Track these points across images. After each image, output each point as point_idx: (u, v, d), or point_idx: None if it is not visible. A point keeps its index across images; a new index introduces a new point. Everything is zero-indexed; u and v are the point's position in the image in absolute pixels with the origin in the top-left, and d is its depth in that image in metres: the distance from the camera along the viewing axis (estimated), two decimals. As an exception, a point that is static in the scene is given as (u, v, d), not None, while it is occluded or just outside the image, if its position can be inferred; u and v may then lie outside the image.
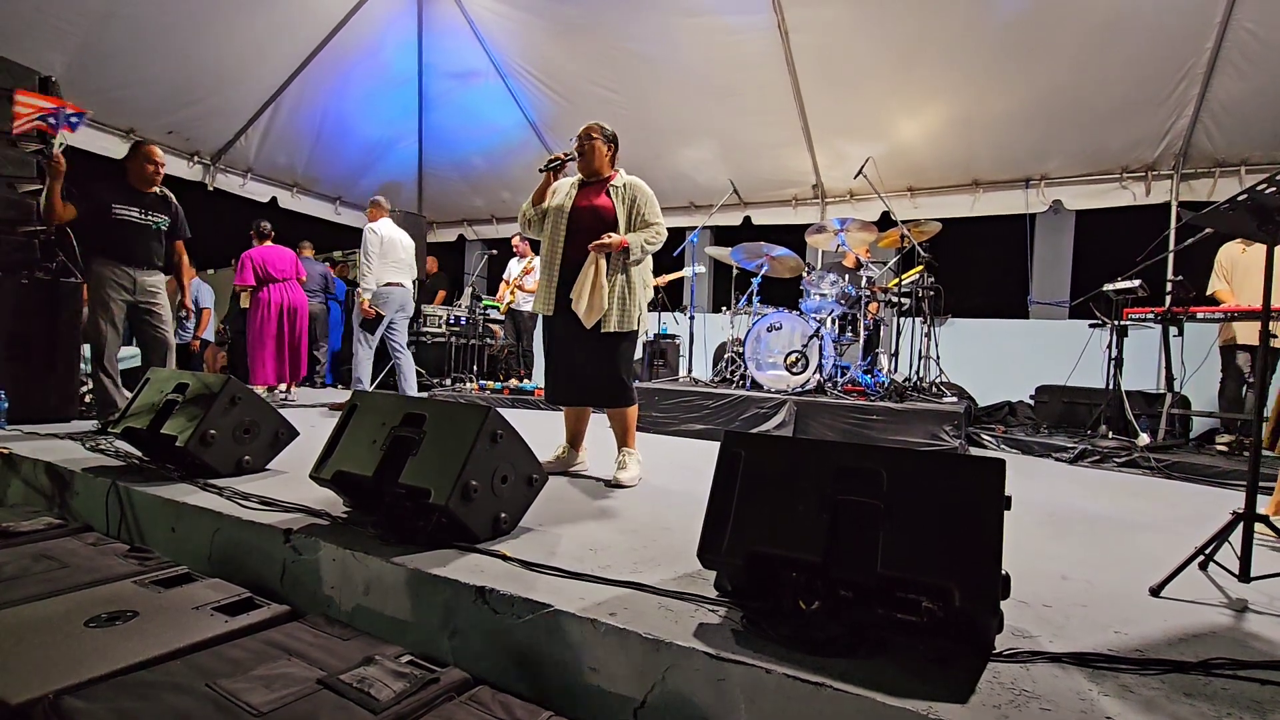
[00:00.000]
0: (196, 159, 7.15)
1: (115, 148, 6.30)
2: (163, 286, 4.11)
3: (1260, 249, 4.41)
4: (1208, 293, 4.63)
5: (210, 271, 9.41)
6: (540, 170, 2.99)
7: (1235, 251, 4.57)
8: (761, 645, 1.32)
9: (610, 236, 2.81)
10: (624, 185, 2.96)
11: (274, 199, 8.00)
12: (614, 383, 2.95)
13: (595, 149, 2.95)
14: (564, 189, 3.03)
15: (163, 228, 4.02)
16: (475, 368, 7.64)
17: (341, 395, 6.13)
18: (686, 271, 6.43)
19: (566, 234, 2.93)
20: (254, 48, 6.36)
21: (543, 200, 3.02)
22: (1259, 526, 1.82)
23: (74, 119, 3.68)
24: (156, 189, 4.02)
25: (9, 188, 3.92)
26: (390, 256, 5.32)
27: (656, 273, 6.10)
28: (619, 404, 2.99)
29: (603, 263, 2.83)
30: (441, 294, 8.81)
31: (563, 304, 2.91)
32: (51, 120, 3.64)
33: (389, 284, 5.31)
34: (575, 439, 3.13)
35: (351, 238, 8.99)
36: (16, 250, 3.94)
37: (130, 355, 4.52)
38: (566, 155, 2.97)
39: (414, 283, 5.71)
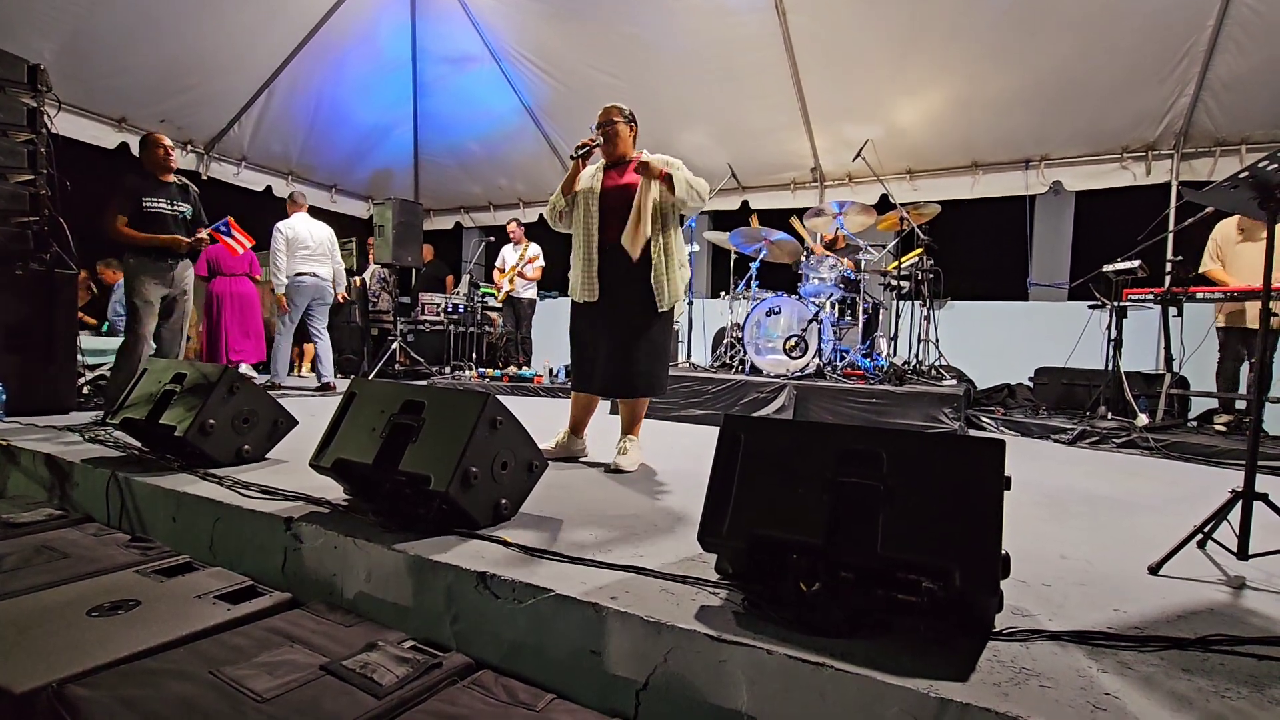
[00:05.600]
0: (190, 148, 7.09)
1: (106, 137, 6.26)
2: (192, 279, 4.19)
3: (1256, 240, 4.40)
4: (1199, 271, 4.59)
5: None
6: (571, 157, 2.93)
7: (1232, 235, 4.54)
8: (762, 627, 1.32)
9: (652, 168, 2.79)
10: (650, 162, 2.91)
11: (269, 187, 7.95)
12: (653, 370, 2.93)
13: (619, 132, 2.92)
14: (588, 175, 2.99)
15: (187, 216, 4.11)
16: (474, 355, 7.63)
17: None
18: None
19: (600, 217, 2.90)
20: (246, 33, 6.28)
21: (573, 189, 2.97)
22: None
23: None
24: (175, 178, 4.11)
25: (1, 178, 3.89)
26: (300, 250, 5.80)
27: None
28: (653, 392, 2.99)
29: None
30: (450, 279, 8.79)
31: (605, 289, 2.89)
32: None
33: (299, 274, 5.77)
34: (579, 426, 3.11)
35: (348, 226, 8.95)
36: (11, 241, 3.91)
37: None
38: (593, 141, 2.92)
39: (342, 270, 6.28)
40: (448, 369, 7.18)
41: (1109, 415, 4.61)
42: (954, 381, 5.08)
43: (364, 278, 7.90)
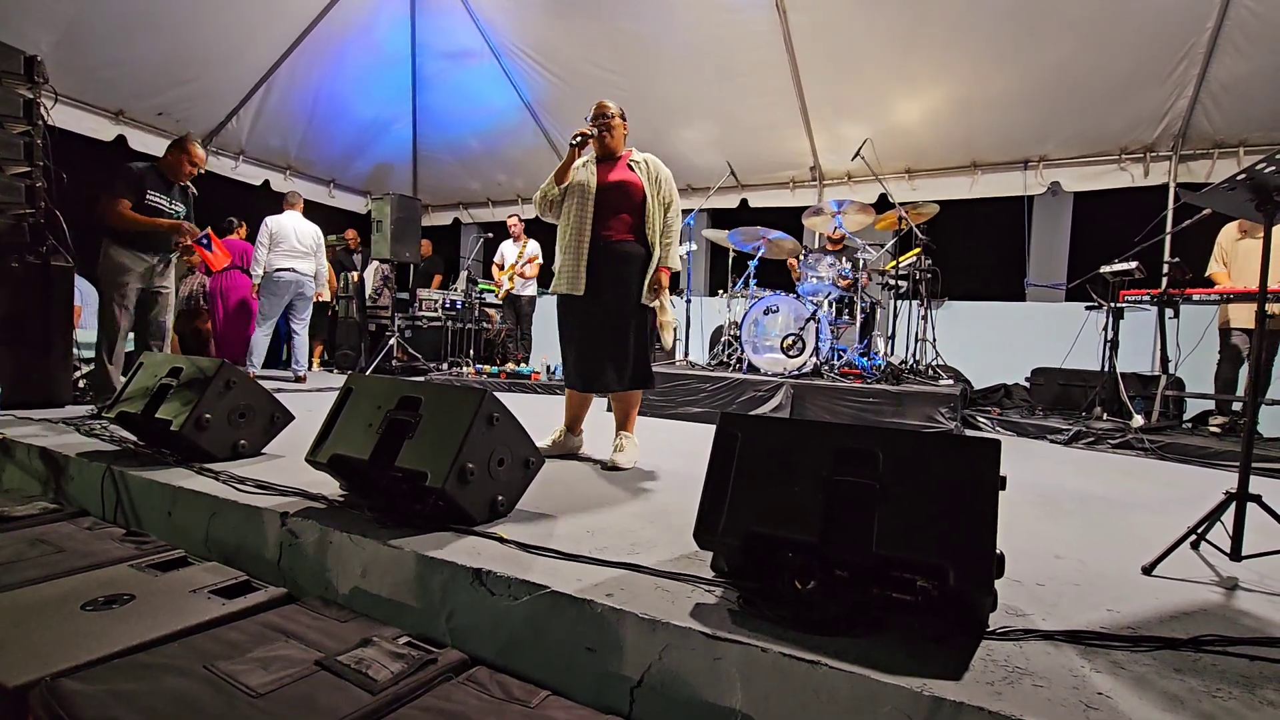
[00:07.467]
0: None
1: (103, 129, 6.23)
2: (172, 273, 4.20)
3: (1256, 236, 4.41)
4: (1206, 274, 4.63)
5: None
6: (571, 144, 2.90)
7: (1234, 235, 4.56)
8: (758, 625, 1.32)
9: (661, 283, 2.95)
10: (644, 161, 2.99)
11: (266, 181, 7.92)
12: (641, 362, 2.96)
13: (615, 127, 2.97)
14: (578, 167, 3.01)
15: (180, 217, 4.13)
16: (471, 352, 7.62)
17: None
18: (682, 250, 6.41)
19: (595, 213, 2.90)
20: (244, 26, 6.26)
21: (566, 179, 2.97)
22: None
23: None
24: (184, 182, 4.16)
25: (-3, 170, 3.87)
26: (283, 245, 5.92)
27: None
28: (642, 384, 3.01)
29: (665, 298, 3.00)
30: (438, 278, 8.79)
31: (593, 284, 2.88)
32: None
33: (279, 269, 5.87)
34: (574, 423, 3.12)
35: (345, 221, 8.93)
36: (7, 233, 3.89)
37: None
38: (591, 132, 2.92)
39: (325, 270, 6.43)
40: (445, 365, 7.17)
41: (1104, 416, 4.63)
42: (950, 381, 5.09)
43: (363, 274, 7.89)
